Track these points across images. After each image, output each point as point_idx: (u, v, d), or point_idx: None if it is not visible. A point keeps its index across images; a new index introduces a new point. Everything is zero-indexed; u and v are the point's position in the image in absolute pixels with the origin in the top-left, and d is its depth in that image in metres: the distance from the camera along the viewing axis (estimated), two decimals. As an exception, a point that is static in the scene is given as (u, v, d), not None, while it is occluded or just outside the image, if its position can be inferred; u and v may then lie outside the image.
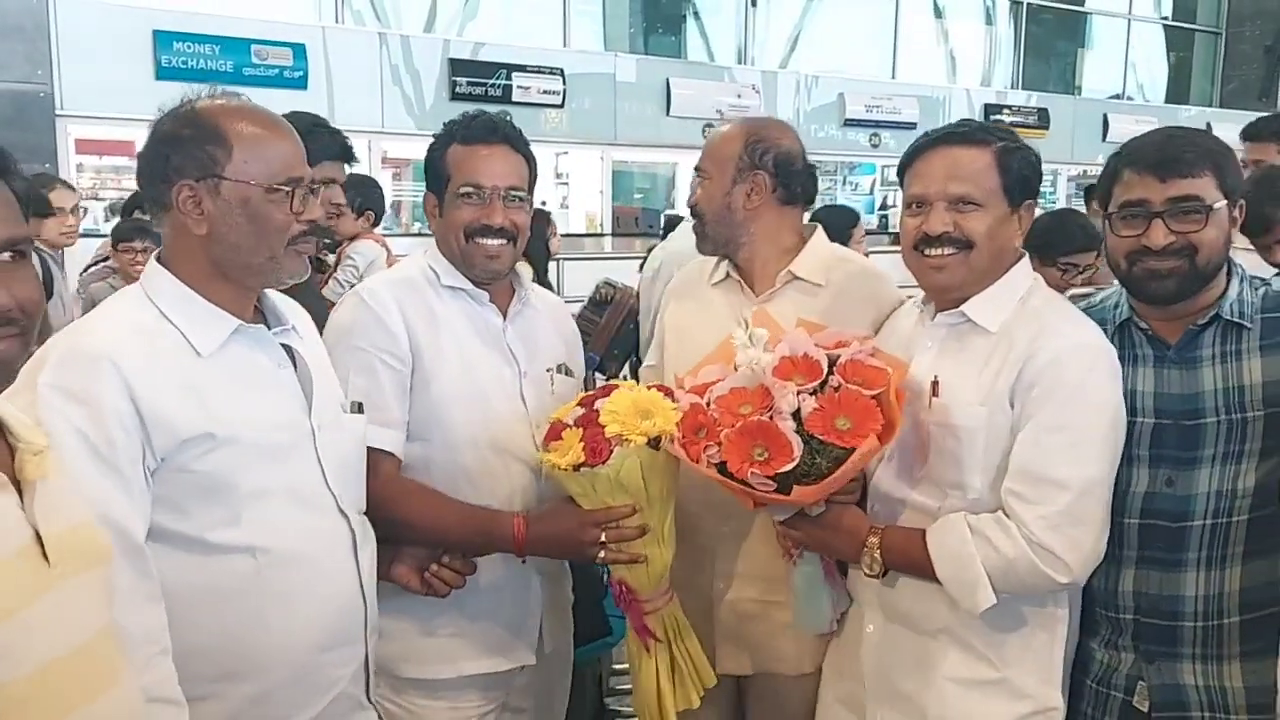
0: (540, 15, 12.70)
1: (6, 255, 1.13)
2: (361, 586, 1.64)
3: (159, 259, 1.59)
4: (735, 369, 1.75)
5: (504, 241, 1.90)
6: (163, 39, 9.86)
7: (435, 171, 1.94)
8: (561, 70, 12.09)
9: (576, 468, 1.71)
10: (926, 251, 1.74)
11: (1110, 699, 1.75)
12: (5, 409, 1.17)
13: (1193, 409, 1.67)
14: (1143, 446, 1.70)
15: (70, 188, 5.25)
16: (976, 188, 1.72)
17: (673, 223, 5.82)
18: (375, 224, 5.28)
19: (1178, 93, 18.18)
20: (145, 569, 1.41)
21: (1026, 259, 1.83)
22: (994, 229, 1.73)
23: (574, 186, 12.81)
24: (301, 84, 10.58)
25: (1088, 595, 1.77)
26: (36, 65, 9.24)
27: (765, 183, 2.03)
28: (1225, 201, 1.65)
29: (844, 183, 16.02)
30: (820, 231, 2.15)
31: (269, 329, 1.63)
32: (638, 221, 14.14)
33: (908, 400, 1.70)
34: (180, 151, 1.54)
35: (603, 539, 1.75)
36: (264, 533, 1.51)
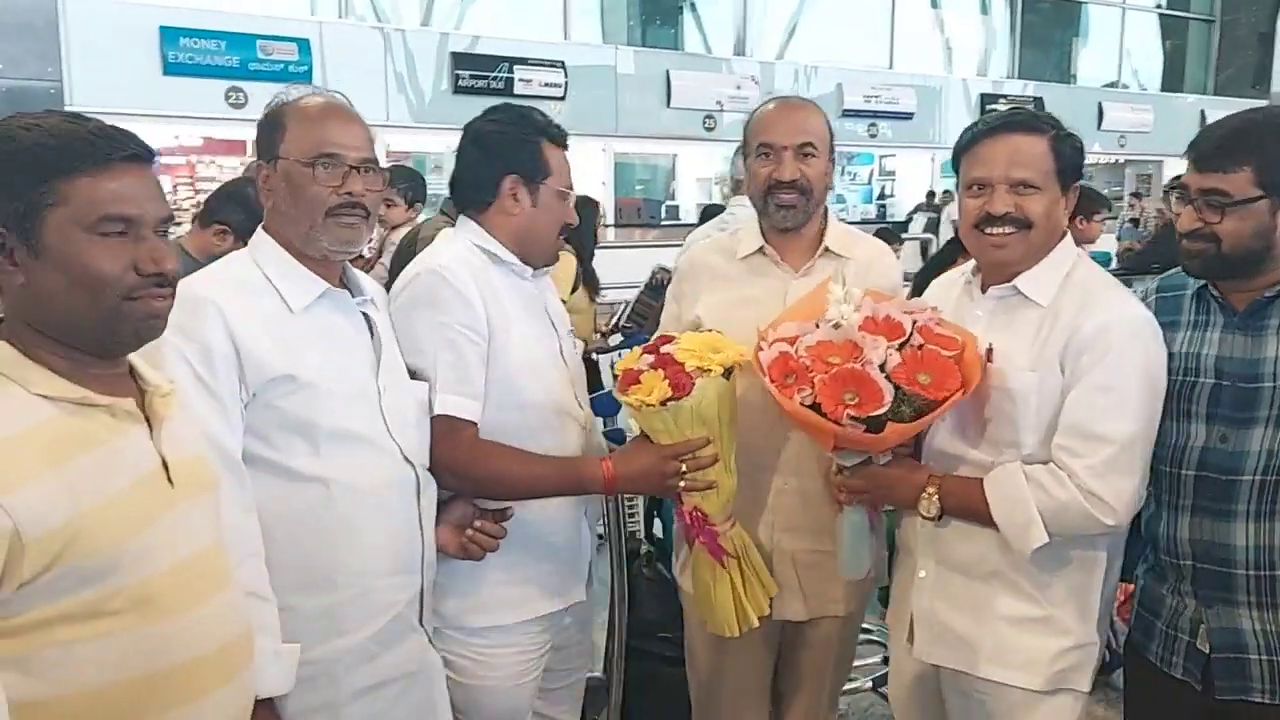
0: (540, 8, 12.84)
1: (160, 232, 1.33)
2: (420, 525, 1.83)
3: (264, 228, 1.81)
4: (818, 325, 1.91)
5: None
6: (169, 35, 10.01)
7: (531, 160, 2.02)
8: (563, 63, 12.24)
9: (663, 403, 1.88)
10: (988, 230, 1.89)
11: (1178, 640, 1.87)
12: (135, 359, 1.37)
13: (1253, 373, 1.76)
14: (1201, 404, 1.81)
15: None
16: (1036, 172, 1.87)
17: (712, 212, 5.90)
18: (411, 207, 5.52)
19: (1172, 80, 18.30)
20: (242, 482, 1.61)
21: (1070, 237, 1.98)
22: (1049, 209, 1.89)
23: (576, 178, 12.89)
24: (306, 78, 10.70)
25: (1154, 543, 1.92)
26: (46, 62, 9.40)
27: (834, 160, 2.24)
28: (1266, 197, 1.71)
29: (842, 173, 16.17)
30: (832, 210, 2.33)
31: (352, 297, 1.83)
32: (640, 212, 14.30)
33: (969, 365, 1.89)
34: (260, 138, 1.78)
35: (682, 469, 1.92)
36: (337, 467, 1.70)
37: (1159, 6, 18.27)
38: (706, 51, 14.34)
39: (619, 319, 5.14)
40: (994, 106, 15.29)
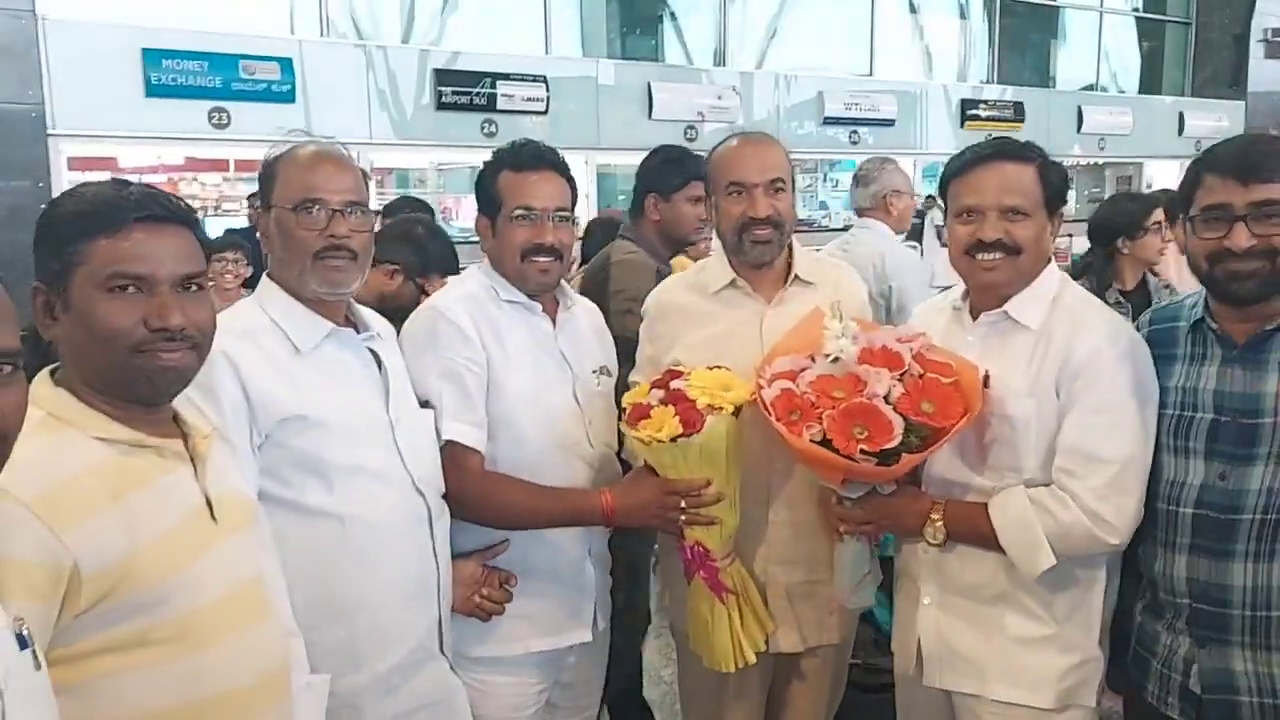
0: (521, 22, 12.86)
1: (183, 288, 1.42)
2: (435, 555, 1.89)
3: (269, 274, 1.88)
4: (814, 358, 1.96)
5: (554, 258, 2.10)
6: (151, 57, 9.96)
7: (487, 196, 2.11)
8: (544, 77, 12.26)
9: (674, 439, 1.91)
10: (979, 256, 1.95)
11: (1171, 680, 1.89)
12: (179, 404, 1.49)
13: (1254, 408, 1.77)
14: (1199, 440, 1.82)
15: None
16: (1025, 199, 1.94)
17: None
18: None
19: (1150, 83, 18.43)
20: (262, 523, 1.65)
21: (1054, 262, 2.03)
22: (1037, 235, 1.96)
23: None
24: (289, 97, 10.70)
25: (1151, 580, 1.93)
26: (27, 84, 9.35)
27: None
28: None
29: (825, 180, 16.23)
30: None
31: (358, 334, 1.89)
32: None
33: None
34: (259, 187, 1.87)
35: (682, 504, 1.95)
36: (351, 502, 1.77)
37: (1135, 9, 18.41)
38: (687, 62, 14.38)
39: None
40: (974, 112, 15.42)
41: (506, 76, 12.04)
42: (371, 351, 1.92)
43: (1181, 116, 16.66)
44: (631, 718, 3.13)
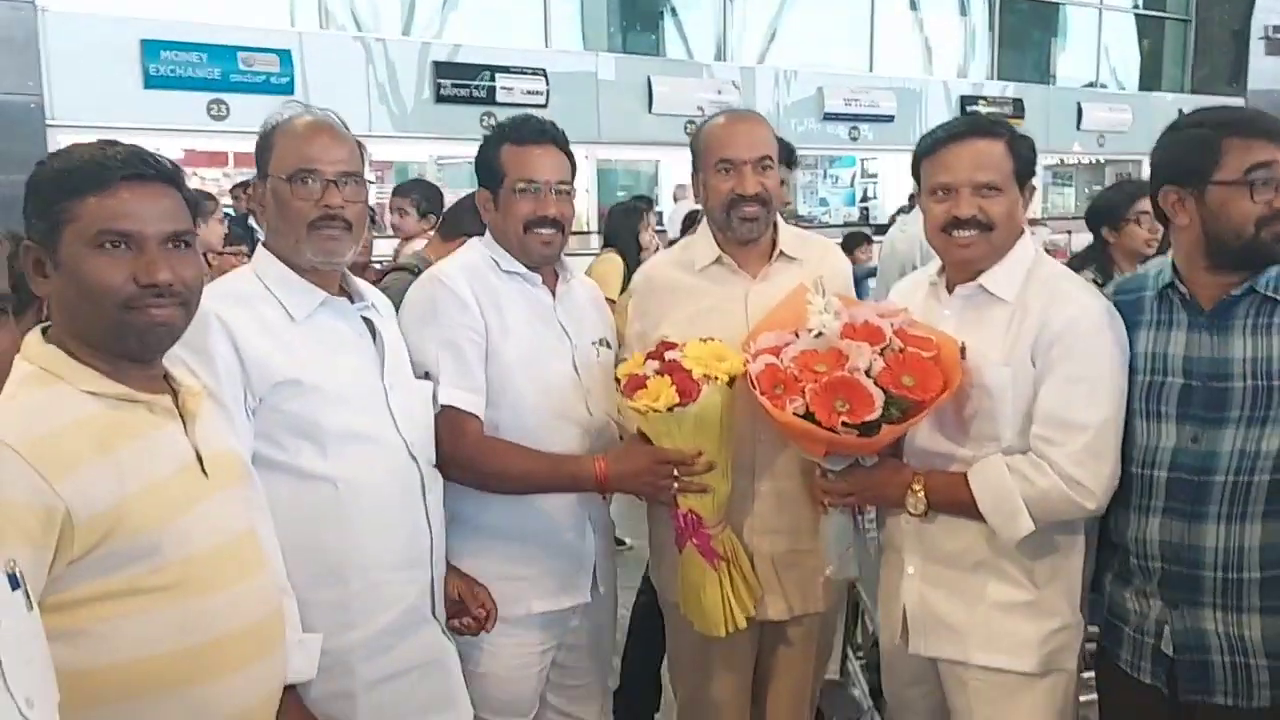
0: (521, 16, 12.86)
1: (171, 245, 1.44)
2: (428, 520, 1.92)
3: (264, 243, 1.91)
4: (797, 333, 1.99)
5: (555, 230, 2.12)
6: (150, 48, 9.99)
7: (489, 169, 2.14)
8: (544, 70, 12.26)
9: (670, 409, 1.93)
10: (954, 233, 1.96)
11: (1144, 645, 1.90)
12: (169, 363, 1.52)
13: (1222, 373, 1.79)
14: (1171, 404, 1.84)
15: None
16: (998, 174, 1.95)
17: (696, 216, 5.97)
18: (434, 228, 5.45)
19: (1150, 80, 18.45)
20: (256, 484, 1.68)
21: (1028, 234, 2.05)
22: (1010, 209, 1.97)
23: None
24: (288, 89, 10.70)
25: (1122, 545, 1.94)
26: (26, 76, 9.37)
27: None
28: None
29: (825, 176, 16.23)
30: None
31: (353, 303, 1.92)
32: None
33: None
34: (256, 157, 1.88)
35: (674, 473, 1.98)
36: (344, 467, 1.80)
37: (1135, 6, 18.42)
38: (688, 57, 14.39)
39: None
40: (974, 108, 15.43)
41: (506, 69, 12.06)
42: (367, 321, 1.94)
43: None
44: (644, 692, 3.14)
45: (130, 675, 1.34)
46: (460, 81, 11.78)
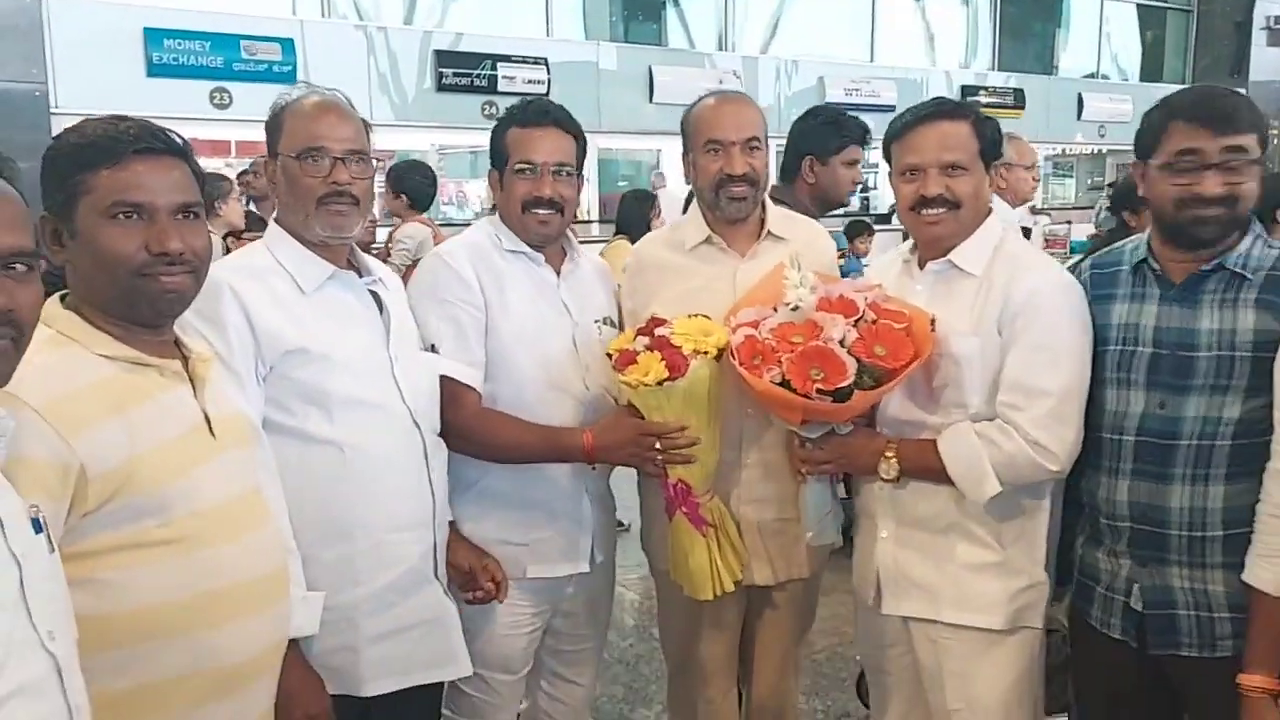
0: (522, 5, 12.90)
1: (181, 216, 1.51)
2: (431, 485, 1.99)
3: (276, 219, 1.98)
4: (775, 308, 2.06)
5: (553, 211, 2.18)
6: (153, 36, 10.05)
7: (497, 151, 2.22)
8: (545, 60, 12.31)
9: (659, 383, 2.01)
10: (923, 212, 2.04)
11: (1114, 602, 1.99)
12: (180, 330, 1.61)
13: (1189, 343, 1.87)
14: (1140, 372, 1.92)
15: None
16: (963, 154, 2.03)
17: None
18: (413, 208, 5.58)
19: (1151, 70, 18.45)
20: (265, 446, 1.76)
21: (995, 212, 2.13)
22: (976, 188, 2.05)
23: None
24: (290, 78, 10.74)
25: (1093, 507, 2.03)
26: (31, 64, 9.44)
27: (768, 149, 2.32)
28: (1261, 158, 1.82)
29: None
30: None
31: (360, 277, 2.00)
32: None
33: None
34: (267, 136, 1.96)
35: (658, 446, 2.06)
36: (351, 432, 1.88)
37: (1137, -4, 18.44)
38: (690, 47, 14.42)
39: None
40: (974, 98, 15.45)
41: (508, 58, 12.12)
42: (374, 295, 2.01)
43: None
44: None
45: (141, 622, 1.42)
46: (462, 70, 11.84)
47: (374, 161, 1.99)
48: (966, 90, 15.71)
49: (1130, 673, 1.98)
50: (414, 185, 5.59)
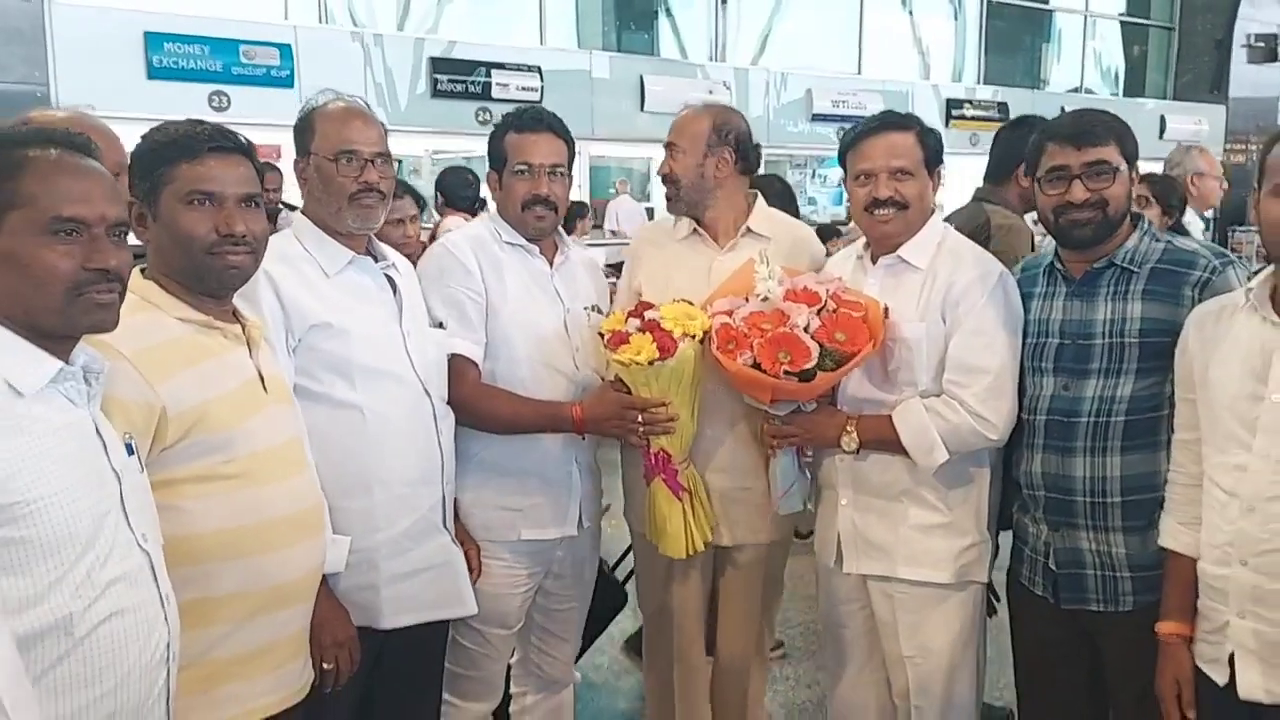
0: (516, 14, 13.11)
1: (244, 204, 1.78)
2: (440, 446, 2.23)
3: (303, 211, 2.22)
4: (747, 298, 2.29)
5: (549, 209, 2.42)
6: (154, 40, 10.22)
7: (496, 154, 2.46)
8: (539, 67, 12.51)
9: (650, 362, 2.23)
10: (875, 212, 2.28)
11: (1037, 562, 2.23)
12: (236, 300, 1.87)
13: (1087, 332, 2.12)
14: (1049, 360, 2.17)
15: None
16: (909, 161, 2.28)
17: None
18: (449, 206, 5.96)
19: (1133, 85, 18.76)
20: (297, 407, 1.98)
21: (939, 213, 2.37)
22: (921, 191, 2.30)
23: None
24: (288, 83, 10.94)
25: (1018, 480, 2.26)
26: (33, 66, 9.60)
27: (729, 157, 2.53)
28: (1126, 165, 2.09)
29: (813, 176, 16.50)
30: (760, 196, 2.65)
31: (376, 263, 2.24)
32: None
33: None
34: (296, 137, 2.19)
35: (639, 419, 2.28)
36: (370, 398, 2.12)
37: (1121, 13, 18.73)
38: (682, 57, 14.65)
39: None
40: (959, 112, 15.73)
41: (502, 66, 12.31)
42: (388, 278, 2.24)
43: (1163, 120, 16.99)
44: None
45: (207, 543, 1.68)
46: (456, 77, 12.03)
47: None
48: (952, 103, 15.97)
49: (1054, 625, 2.21)
50: (449, 185, 6.10)
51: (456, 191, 6.10)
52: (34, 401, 1.35)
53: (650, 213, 14.86)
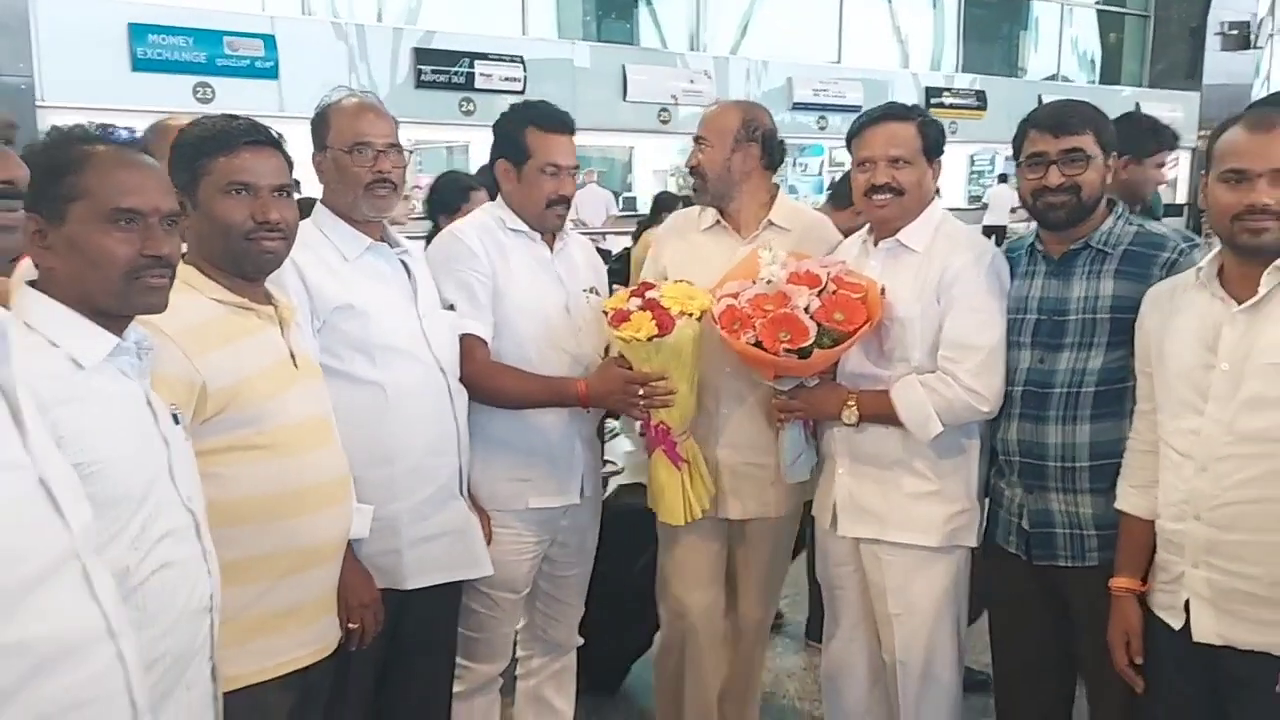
0: (498, 4, 13.17)
1: (277, 194, 1.89)
2: (455, 419, 2.35)
3: (322, 201, 2.32)
4: (754, 281, 2.42)
5: (567, 206, 2.57)
6: (138, 31, 10.25)
7: (515, 145, 2.53)
8: (522, 58, 12.61)
9: (650, 339, 2.35)
10: (874, 197, 2.42)
11: (1011, 523, 2.37)
12: (269, 284, 1.98)
13: (1061, 309, 2.26)
14: (1027, 335, 2.31)
15: None
16: (907, 150, 2.40)
17: (663, 200, 6.56)
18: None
19: (1110, 73, 19.00)
20: (324, 384, 2.08)
21: (938, 200, 2.50)
22: (919, 179, 2.42)
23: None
24: (272, 74, 11.00)
25: (994, 447, 2.40)
26: (18, 58, 9.61)
27: (755, 152, 2.67)
28: (1102, 154, 2.24)
29: (794, 164, 16.63)
30: (783, 189, 2.81)
31: (391, 249, 2.35)
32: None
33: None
34: (313, 131, 2.29)
35: (640, 392, 2.41)
36: (390, 375, 2.22)
37: (1097, 2, 18.95)
38: (662, 46, 14.75)
39: None
40: (938, 100, 15.91)
41: (485, 56, 12.40)
42: (403, 263, 2.36)
43: (1138, 107, 17.18)
44: None
45: (244, 508, 1.79)
46: (440, 68, 12.11)
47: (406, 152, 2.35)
48: (931, 92, 16.16)
49: (1025, 581, 2.35)
50: (444, 190, 6.19)
51: (450, 198, 6.17)
52: (93, 374, 1.47)
53: (632, 202, 15.01)
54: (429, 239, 4.24)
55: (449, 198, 4.02)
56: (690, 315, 2.40)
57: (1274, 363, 1.84)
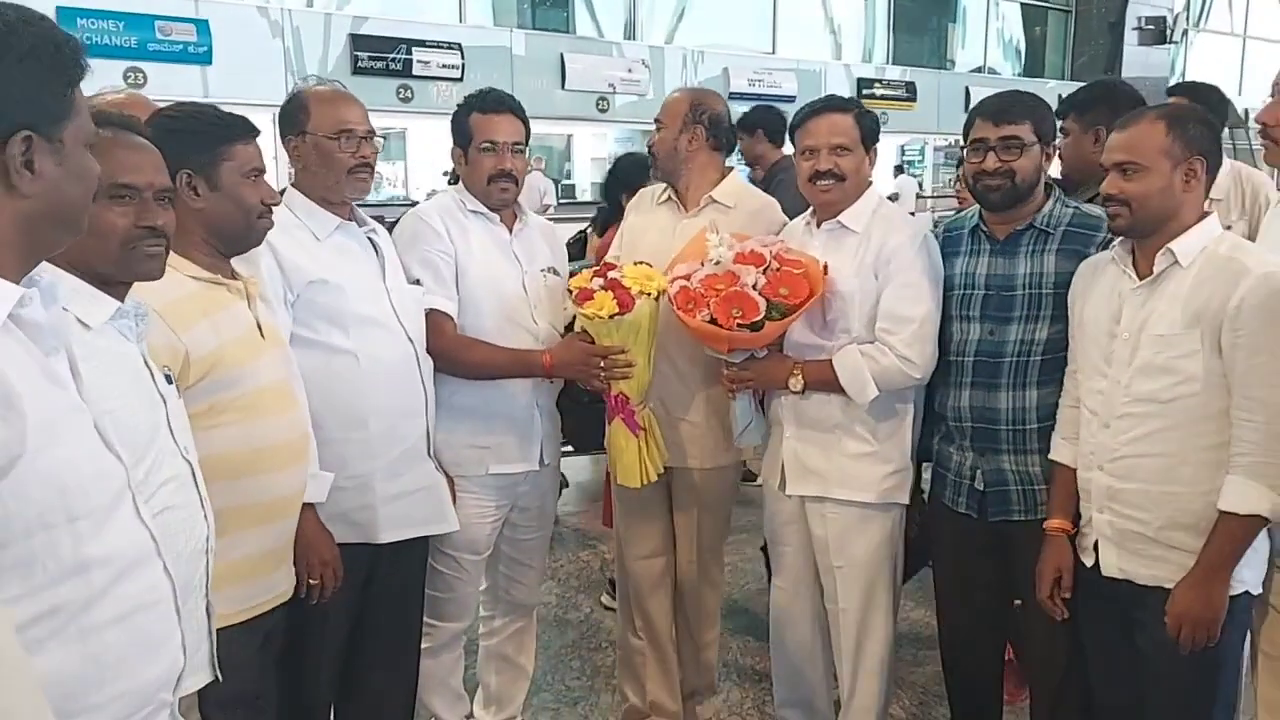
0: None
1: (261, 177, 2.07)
2: (423, 385, 2.49)
3: (293, 185, 2.44)
4: (702, 263, 2.59)
5: (511, 182, 2.69)
6: (67, 15, 9.98)
7: (461, 131, 2.70)
8: (459, 45, 12.62)
9: (611, 316, 2.52)
10: (818, 183, 2.60)
11: (961, 484, 2.56)
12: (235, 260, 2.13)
13: (1009, 285, 2.46)
14: (976, 309, 2.50)
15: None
16: (848, 139, 2.59)
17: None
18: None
19: (1034, 66, 19.54)
20: (290, 353, 2.22)
21: (875, 184, 2.70)
22: (858, 165, 2.61)
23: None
24: (206, 59, 10.88)
25: (943, 414, 2.58)
26: (-60, 40, 9.40)
27: (700, 134, 2.85)
28: (1039, 143, 2.44)
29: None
30: (736, 171, 3.00)
31: (360, 227, 2.48)
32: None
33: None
34: (284, 120, 2.42)
35: (601, 365, 2.57)
36: (362, 344, 2.36)
37: (1021, -4, 19.46)
38: (598, 35, 14.84)
39: None
40: (869, 91, 16.25)
41: (422, 43, 12.39)
42: (370, 240, 2.50)
43: (1060, 98, 17.68)
44: None
45: (223, 463, 1.91)
46: (377, 55, 12.08)
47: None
48: (863, 83, 16.48)
49: (973, 536, 2.55)
50: None
51: (631, 178, 6.09)
52: (97, 335, 1.58)
53: (571, 190, 15.12)
54: (599, 219, 4.54)
55: (631, 177, 4.25)
56: (648, 295, 2.58)
57: (1161, 334, 2.09)
